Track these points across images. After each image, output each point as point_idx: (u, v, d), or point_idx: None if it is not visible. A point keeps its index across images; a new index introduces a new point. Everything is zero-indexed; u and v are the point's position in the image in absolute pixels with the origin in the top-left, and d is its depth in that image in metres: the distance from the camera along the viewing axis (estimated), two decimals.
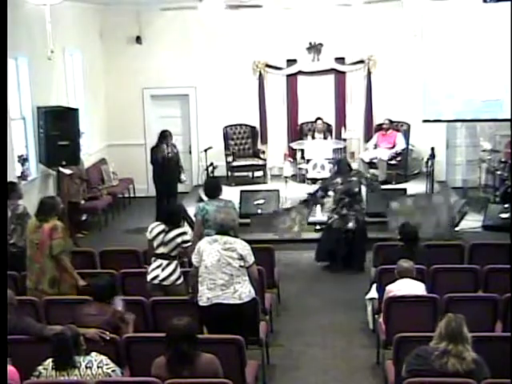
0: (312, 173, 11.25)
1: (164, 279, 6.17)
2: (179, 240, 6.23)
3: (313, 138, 12.32)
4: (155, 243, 6.26)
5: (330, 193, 9.04)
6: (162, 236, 6.24)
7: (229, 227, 5.70)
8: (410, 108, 12.23)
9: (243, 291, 5.48)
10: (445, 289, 5.99)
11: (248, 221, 9.69)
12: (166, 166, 10.26)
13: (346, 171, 9.03)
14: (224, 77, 12.73)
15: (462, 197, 11.18)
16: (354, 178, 8.94)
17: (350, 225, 8.72)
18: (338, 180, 8.90)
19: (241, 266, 5.51)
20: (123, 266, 6.81)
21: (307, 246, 9.78)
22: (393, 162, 11.90)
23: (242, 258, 5.52)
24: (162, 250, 6.23)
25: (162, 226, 6.29)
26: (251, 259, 5.59)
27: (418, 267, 6.25)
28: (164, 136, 10.32)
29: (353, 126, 12.85)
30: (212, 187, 7.16)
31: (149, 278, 6.24)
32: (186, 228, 6.46)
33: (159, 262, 6.23)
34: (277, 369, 6.24)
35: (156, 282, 6.19)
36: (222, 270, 5.46)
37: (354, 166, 9.39)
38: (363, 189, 9.32)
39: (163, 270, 6.19)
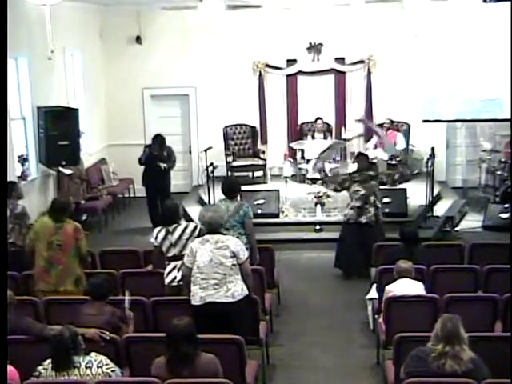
0: (312, 173, 11.24)
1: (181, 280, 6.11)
2: (186, 236, 6.17)
3: (313, 137, 12.31)
4: (164, 247, 6.22)
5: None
6: (168, 238, 6.20)
7: (218, 225, 5.65)
8: (410, 108, 12.23)
9: (236, 290, 5.45)
10: (445, 289, 5.98)
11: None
12: (151, 167, 10.30)
13: (364, 167, 8.70)
14: (224, 77, 12.74)
15: (462, 197, 11.19)
16: (372, 173, 8.65)
17: (364, 219, 8.39)
18: (356, 175, 8.63)
19: (233, 265, 5.48)
20: (123, 266, 6.80)
21: (307, 245, 9.81)
22: (393, 161, 11.89)
23: (234, 255, 5.49)
24: (173, 251, 6.20)
25: (165, 229, 6.24)
26: (244, 255, 5.56)
27: (418, 267, 6.25)
28: (154, 141, 10.42)
29: (353, 126, 12.85)
30: (228, 187, 7.00)
31: (167, 281, 6.20)
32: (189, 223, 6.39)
33: (173, 263, 6.19)
34: (277, 369, 6.24)
35: (175, 283, 6.14)
36: (214, 270, 5.44)
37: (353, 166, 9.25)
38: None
39: (179, 270, 6.10)
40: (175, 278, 6.16)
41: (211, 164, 10.20)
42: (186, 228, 6.24)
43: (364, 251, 8.21)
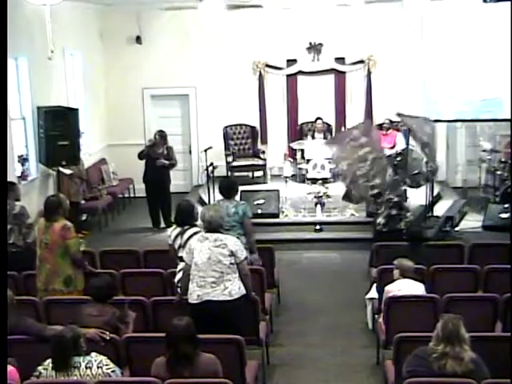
0: (312, 173, 11.24)
1: None
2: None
3: (313, 137, 12.31)
4: (176, 247, 6.21)
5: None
6: (179, 239, 6.19)
7: (218, 224, 5.65)
8: (410, 108, 12.20)
9: (233, 288, 5.45)
10: (445, 289, 5.98)
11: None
12: (151, 165, 10.36)
13: (403, 167, 8.28)
14: (224, 77, 12.74)
15: (461, 197, 11.19)
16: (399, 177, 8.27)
17: (400, 225, 8.25)
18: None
19: (231, 264, 5.48)
20: (123, 266, 6.81)
21: (307, 245, 9.81)
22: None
23: (232, 254, 5.49)
24: (181, 252, 6.15)
25: (178, 229, 6.22)
26: (242, 255, 5.56)
27: (418, 267, 6.25)
28: (159, 136, 10.48)
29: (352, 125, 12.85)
30: (225, 187, 7.04)
31: (175, 280, 6.19)
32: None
33: (182, 264, 6.18)
34: (277, 369, 6.24)
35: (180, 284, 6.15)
36: (212, 268, 5.44)
37: None
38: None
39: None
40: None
41: (211, 164, 10.21)
42: (196, 233, 6.19)
43: None
